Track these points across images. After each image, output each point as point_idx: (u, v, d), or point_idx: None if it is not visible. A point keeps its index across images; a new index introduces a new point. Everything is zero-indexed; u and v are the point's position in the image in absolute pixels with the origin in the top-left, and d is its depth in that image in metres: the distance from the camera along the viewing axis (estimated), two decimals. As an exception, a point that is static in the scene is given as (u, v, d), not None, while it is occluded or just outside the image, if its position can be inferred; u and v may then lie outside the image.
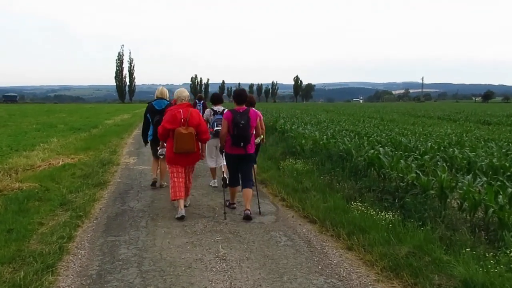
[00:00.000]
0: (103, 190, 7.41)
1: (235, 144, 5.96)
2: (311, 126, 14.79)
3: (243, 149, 6.00)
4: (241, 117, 5.87)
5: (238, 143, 5.93)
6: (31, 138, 14.96)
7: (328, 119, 22.63)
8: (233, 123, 5.87)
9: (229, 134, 5.96)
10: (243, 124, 5.85)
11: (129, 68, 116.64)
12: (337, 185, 7.10)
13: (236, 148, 5.99)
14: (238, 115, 5.89)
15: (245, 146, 5.98)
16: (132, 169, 9.56)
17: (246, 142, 5.96)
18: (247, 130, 5.90)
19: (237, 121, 5.84)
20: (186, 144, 5.86)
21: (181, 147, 5.86)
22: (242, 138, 5.91)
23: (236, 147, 5.98)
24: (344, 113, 36.59)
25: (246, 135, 5.92)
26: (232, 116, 5.89)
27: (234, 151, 6.05)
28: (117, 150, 12.18)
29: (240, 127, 5.85)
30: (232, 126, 5.88)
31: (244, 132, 5.88)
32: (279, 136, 12.54)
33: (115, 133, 17.10)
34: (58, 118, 28.18)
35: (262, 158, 10.36)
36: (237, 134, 5.88)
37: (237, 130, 5.86)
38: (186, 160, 6.06)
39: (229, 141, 6.01)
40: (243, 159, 6.11)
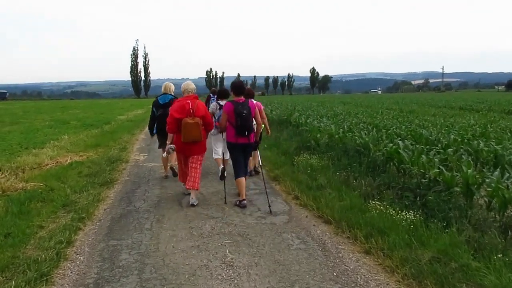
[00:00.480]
0: (109, 190, 7.20)
1: (240, 134, 6.20)
2: (327, 119, 14.40)
3: (246, 138, 6.26)
4: (243, 107, 6.14)
5: (242, 132, 6.18)
6: (42, 135, 14.90)
7: (345, 111, 22.17)
8: (235, 114, 6.11)
9: (231, 124, 6.20)
10: (246, 114, 6.11)
11: (144, 63, 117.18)
12: (354, 182, 6.75)
13: (240, 137, 6.23)
14: (239, 105, 6.15)
15: (249, 135, 6.25)
16: (141, 167, 9.35)
17: (249, 131, 6.24)
18: (249, 119, 6.18)
19: (240, 111, 6.10)
20: (193, 133, 6.19)
21: (189, 136, 6.19)
22: (245, 127, 6.16)
23: (241, 136, 6.22)
24: (362, 105, 35.96)
25: (249, 124, 6.20)
26: (234, 107, 6.13)
27: (239, 141, 6.26)
28: (127, 147, 12.00)
29: (243, 117, 6.10)
30: (235, 116, 6.12)
31: (247, 122, 6.15)
32: (294, 130, 12.19)
33: (127, 129, 16.97)
34: (72, 114, 28.25)
35: (276, 153, 10.08)
36: (240, 124, 6.12)
37: (240, 120, 6.11)
38: (193, 149, 6.40)
39: (233, 131, 6.23)
40: (246, 148, 6.41)
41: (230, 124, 6.24)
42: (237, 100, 6.27)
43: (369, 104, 37.83)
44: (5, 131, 16.43)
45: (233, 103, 6.20)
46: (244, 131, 6.18)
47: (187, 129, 6.17)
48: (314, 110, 21.14)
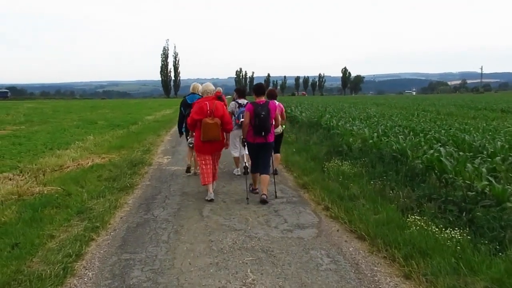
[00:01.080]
0: (128, 195, 6.92)
1: (257, 134, 6.58)
2: (360, 121, 13.81)
3: (263, 138, 6.61)
4: (262, 109, 6.50)
5: (259, 132, 6.55)
6: (68, 135, 14.92)
7: (378, 113, 21.45)
8: (254, 114, 6.50)
9: (250, 124, 6.59)
10: (264, 115, 6.47)
11: (174, 63, 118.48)
12: (390, 192, 6.23)
13: (258, 137, 6.61)
14: (259, 107, 6.52)
15: (265, 135, 6.60)
16: (164, 170, 9.07)
17: (266, 132, 6.58)
18: (267, 120, 6.51)
19: (258, 112, 6.47)
20: (212, 132, 6.54)
21: (208, 136, 6.53)
22: (263, 128, 6.52)
23: (258, 136, 6.60)
24: (396, 106, 34.96)
25: (267, 125, 6.53)
26: (254, 108, 6.54)
27: (256, 140, 6.65)
28: (151, 149, 11.78)
29: (261, 118, 6.46)
30: (254, 117, 6.51)
31: (264, 123, 6.49)
32: (324, 133, 11.69)
33: (153, 130, 16.83)
34: (100, 114, 28.52)
35: (305, 158, 9.63)
36: (258, 124, 6.49)
37: (258, 120, 6.48)
38: (212, 147, 6.76)
39: (251, 131, 6.63)
40: (263, 147, 6.72)
41: (249, 124, 6.63)
42: (258, 102, 6.65)
43: (403, 105, 36.75)
44: (32, 131, 16.58)
45: (253, 104, 6.61)
46: (261, 132, 6.54)
47: (206, 128, 6.51)
48: (346, 112, 20.51)
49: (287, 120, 16.76)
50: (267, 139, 6.66)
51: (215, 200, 6.61)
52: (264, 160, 6.84)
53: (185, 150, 10.00)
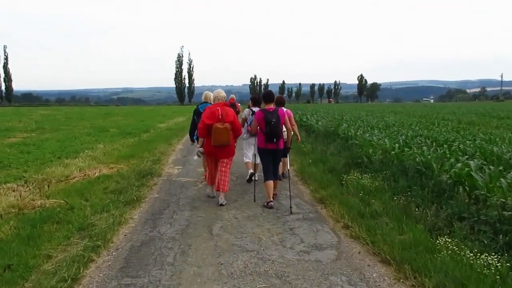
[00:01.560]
0: (134, 209, 6.59)
1: (269, 140, 6.77)
2: (379, 131, 13.36)
3: (275, 144, 6.83)
4: (272, 116, 6.71)
5: (271, 139, 6.75)
6: (78, 143, 14.72)
7: (397, 122, 20.93)
8: (265, 121, 6.70)
9: (262, 131, 6.80)
10: (274, 122, 6.68)
11: (188, 69, 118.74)
12: (416, 210, 5.79)
13: (269, 143, 6.80)
14: (269, 114, 6.74)
15: (277, 141, 6.81)
16: (174, 182, 8.74)
17: (278, 138, 6.80)
18: (278, 127, 6.73)
19: (269, 119, 6.68)
20: (223, 137, 6.73)
21: (218, 140, 6.73)
22: (274, 134, 6.72)
23: (270, 143, 6.80)
24: (415, 115, 34.28)
25: (278, 131, 6.74)
26: (264, 115, 6.75)
27: (268, 146, 6.84)
28: (161, 158, 11.47)
29: (272, 125, 6.67)
30: (265, 124, 6.71)
31: (275, 129, 6.70)
32: (342, 143, 11.25)
33: (165, 138, 16.56)
34: (113, 121, 28.44)
35: (322, 170, 9.22)
36: (269, 131, 6.70)
37: (269, 127, 6.69)
38: (222, 152, 6.96)
39: (262, 137, 6.82)
40: (275, 153, 6.95)
41: (260, 131, 6.87)
42: (268, 109, 6.87)
43: (422, 113, 36.04)
44: (43, 139, 16.44)
45: (263, 112, 6.84)
46: (272, 138, 6.75)
47: (217, 133, 6.70)
48: (364, 121, 20.04)
49: (302, 129, 16.36)
50: (278, 145, 6.89)
51: (226, 216, 6.25)
52: (275, 166, 7.09)
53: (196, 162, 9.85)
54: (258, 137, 7.04)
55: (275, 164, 7.06)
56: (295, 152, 12.07)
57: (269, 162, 6.95)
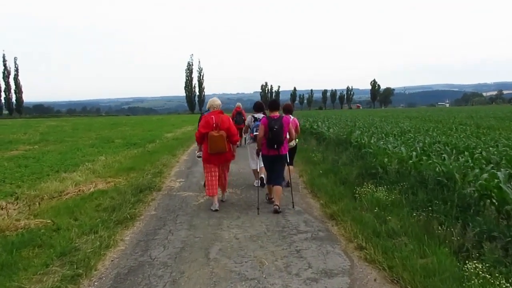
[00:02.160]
0: (127, 229, 6.08)
1: (270, 146, 7.07)
2: (394, 138, 12.73)
3: (276, 150, 7.10)
4: (275, 123, 7.01)
5: (272, 145, 7.04)
6: (80, 156, 14.32)
7: (413, 127, 20.26)
8: (268, 128, 6.99)
9: (264, 137, 7.07)
10: (277, 129, 6.96)
11: (198, 78, 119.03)
12: (439, 228, 5.19)
13: (271, 149, 7.10)
14: (273, 121, 7.04)
15: (278, 148, 7.08)
16: (174, 196, 8.23)
17: (279, 144, 7.06)
18: (280, 134, 6.99)
19: (272, 126, 6.98)
20: (218, 144, 7.00)
21: (214, 148, 7.01)
22: (276, 141, 7.00)
23: (271, 149, 7.09)
24: (431, 120, 33.52)
25: (280, 138, 7.01)
26: (268, 122, 7.05)
27: (269, 153, 7.16)
28: (163, 171, 10.97)
29: (274, 131, 6.96)
30: (268, 130, 6.99)
31: (277, 136, 6.98)
32: (355, 152, 10.64)
33: (170, 149, 16.08)
34: (120, 132, 28.14)
35: (333, 181, 8.66)
36: (271, 137, 6.99)
37: (271, 134, 6.97)
38: (219, 159, 7.23)
39: (265, 143, 7.12)
40: (276, 159, 7.21)
41: (263, 137, 7.10)
42: (272, 116, 7.15)
43: (438, 118, 35.25)
44: (44, 151, 16.10)
45: (268, 118, 7.13)
46: (273, 144, 7.03)
47: (212, 141, 6.98)
48: (377, 127, 19.41)
49: (313, 137, 15.80)
50: (280, 151, 7.14)
51: (226, 237, 5.71)
52: (277, 172, 7.30)
53: (201, 171, 9.44)
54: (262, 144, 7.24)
55: (276, 171, 7.30)
56: (304, 162, 11.52)
57: (271, 167, 7.32)
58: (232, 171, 10.61)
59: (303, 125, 20.76)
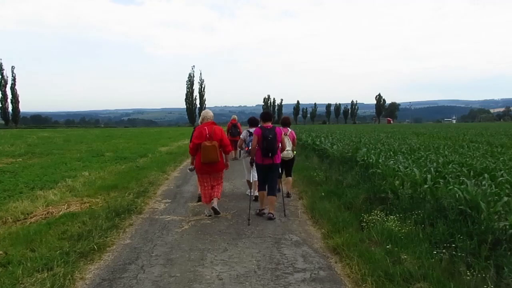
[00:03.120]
0: (91, 264, 5.22)
1: (265, 155, 7.45)
2: (403, 156, 11.84)
3: (271, 159, 7.49)
4: (269, 132, 7.42)
5: (267, 154, 7.42)
6: (62, 171, 13.48)
7: (422, 144, 19.39)
8: (263, 137, 7.39)
9: (259, 147, 7.45)
10: (271, 138, 7.37)
11: (199, 90, 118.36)
12: (467, 273, 4.31)
13: (266, 158, 7.48)
14: (267, 131, 7.44)
15: (272, 156, 7.47)
16: (155, 221, 7.38)
17: (273, 153, 7.45)
18: (274, 143, 7.42)
19: (266, 135, 7.38)
20: (211, 154, 7.41)
21: (207, 157, 7.42)
22: (270, 149, 7.40)
23: (266, 158, 7.48)
24: (438, 136, 32.63)
25: (274, 147, 7.43)
26: (262, 132, 7.44)
27: (264, 162, 7.53)
28: (148, 190, 10.11)
29: (269, 140, 7.37)
30: (262, 140, 7.40)
31: (272, 145, 7.40)
32: (361, 172, 9.76)
33: (161, 164, 15.21)
34: (113, 144, 27.30)
35: (336, 205, 7.81)
36: (266, 146, 7.38)
37: (266, 143, 7.37)
38: (212, 168, 7.65)
39: (259, 152, 7.50)
40: (271, 168, 7.58)
41: (258, 147, 7.49)
42: (266, 126, 7.55)
43: (446, 135, 34.34)
44: (27, 165, 15.25)
45: (261, 128, 7.53)
46: (268, 153, 7.42)
47: (205, 151, 7.40)
48: (384, 143, 18.52)
49: (315, 154, 14.96)
50: (274, 160, 7.55)
51: (207, 276, 4.84)
52: (271, 181, 7.66)
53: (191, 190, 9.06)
54: (256, 153, 7.62)
55: (271, 179, 7.67)
56: (305, 182, 10.67)
57: (265, 176, 7.69)
58: (225, 190, 9.79)
59: (305, 141, 19.93)
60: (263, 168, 7.63)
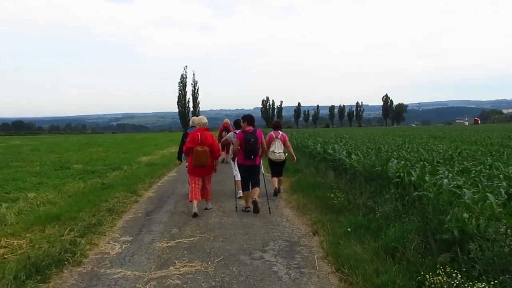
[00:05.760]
0: None
1: (247, 157, 8.57)
2: (445, 169, 9.50)
3: (252, 161, 8.62)
4: (251, 136, 8.52)
5: (249, 156, 8.55)
6: (4, 191, 11.14)
7: (451, 150, 17.13)
8: (245, 141, 8.50)
9: (241, 149, 8.58)
10: (253, 141, 8.48)
11: (192, 92, 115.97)
12: None
13: (247, 160, 8.60)
14: (249, 134, 8.54)
15: (254, 158, 8.60)
16: (97, 281, 5.07)
17: (255, 155, 8.58)
18: (255, 146, 8.53)
19: (248, 139, 8.48)
20: (202, 158, 8.50)
21: (198, 161, 8.51)
22: (252, 152, 8.51)
23: (248, 159, 8.60)
24: (461, 140, 30.44)
25: (255, 150, 8.54)
26: (244, 135, 8.55)
27: (246, 163, 8.66)
28: (103, 221, 7.74)
29: (250, 144, 8.47)
30: (244, 143, 8.50)
31: (253, 148, 8.50)
32: (400, 194, 7.35)
33: (135, 180, 12.75)
34: (88, 154, 24.92)
35: (373, 249, 5.56)
36: (248, 149, 8.48)
37: (248, 146, 8.47)
38: (202, 171, 8.77)
39: (242, 154, 8.63)
40: (252, 169, 8.74)
41: (240, 149, 8.62)
42: (247, 130, 8.63)
43: (469, 139, 32.11)
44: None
45: (243, 132, 8.64)
46: (250, 155, 8.52)
47: (197, 155, 8.47)
48: (408, 150, 16.20)
49: (329, 166, 12.62)
50: (255, 162, 8.66)
51: None
52: (254, 179, 8.76)
53: (164, 220, 8.14)
54: (238, 155, 8.74)
55: (252, 177, 8.72)
56: (319, 207, 8.39)
57: (246, 176, 8.72)
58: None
59: (313, 148, 17.57)
60: (245, 169, 8.76)
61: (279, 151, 10.17)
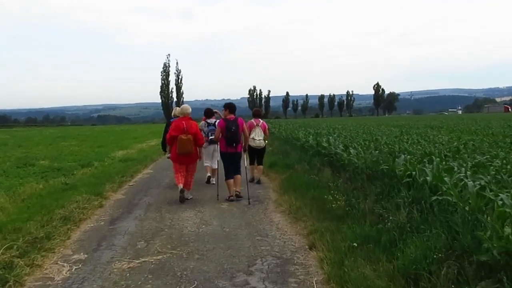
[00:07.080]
0: None
1: (229, 145, 9.05)
2: (459, 165, 8.45)
3: (234, 148, 9.11)
4: (232, 124, 8.98)
5: (231, 143, 9.03)
6: None
7: (455, 141, 16.17)
8: (226, 129, 8.95)
9: (223, 137, 9.04)
10: (234, 129, 8.95)
11: (176, 82, 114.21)
12: None
13: (229, 147, 9.07)
14: (230, 122, 9.01)
15: (236, 146, 9.11)
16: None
17: (237, 143, 9.11)
18: (237, 134, 9.04)
19: (229, 127, 8.94)
20: (186, 146, 8.95)
21: (182, 149, 8.94)
22: (233, 140, 9.01)
23: (230, 147, 9.07)
24: (460, 130, 29.63)
25: (237, 137, 9.05)
26: (225, 124, 9.03)
27: (228, 150, 9.13)
28: (54, 234, 6.57)
29: (232, 132, 8.94)
30: (226, 131, 8.95)
31: (235, 136, 9.00)
32: (413, 197, 6.26)
33: (102, 179, 11.56)
34: (59, 148, 23.65)
35: (388, 273, 4.46)
36: (229, 137, 8.96)
37: (229, 134, 8.95)
38: (186, 159, 9.22)
39: (224, 142, 9.11)
40: (234, 156, 9.25)
41: (222, 137, 9.07)
42: (229, 118, 9.09)
43: (468, 128, 31.31)
44: None
45: (225, 121, 9.13)
46: (232, 143, 9.02)
47: (181, 143, 8.90)
48: (409, 142, 15.15)
49: (324, 161, 11.55)
50: (237, 149, 9.21)
51: None
52: (236, 166, 9.31)
53: (131, 230, 7.04)
54: (220, 143, 9.34)
55: (234, 164, 9.30)
56: (315, 213, 7.29)
57: (229, 163, 9.23)
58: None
59: (304, 141, 16.46)
60: (227, 156, 9.19)
61: (259, 138, 10.87)
